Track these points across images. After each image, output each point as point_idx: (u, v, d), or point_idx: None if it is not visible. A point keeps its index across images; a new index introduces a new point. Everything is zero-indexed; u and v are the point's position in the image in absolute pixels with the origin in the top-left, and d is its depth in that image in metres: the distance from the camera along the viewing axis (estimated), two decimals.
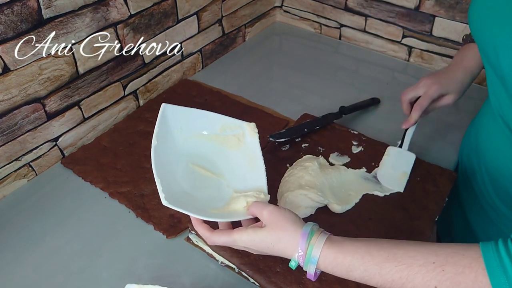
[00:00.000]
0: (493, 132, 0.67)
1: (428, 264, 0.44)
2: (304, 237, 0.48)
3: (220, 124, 0.65)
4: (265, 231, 0.50)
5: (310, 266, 0.48)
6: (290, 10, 1.26)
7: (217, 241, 0.54)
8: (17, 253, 0.69)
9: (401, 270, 0.45)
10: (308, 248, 0.48)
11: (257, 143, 0.63)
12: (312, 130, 0.85)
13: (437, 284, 0.43)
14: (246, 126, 0.64)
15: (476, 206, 0.74)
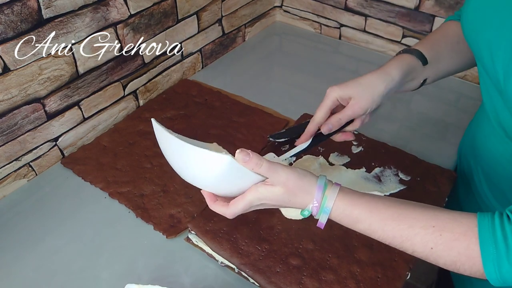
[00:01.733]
0: (488, 134, 0.67)
1: (428, 227, 0.48)
2: (319, 189, 0.51)
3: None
4: (280, 190, 0.51)
5: (323, 215, 0.52)
6: (290, 10, 1.26)
7: (235, 211, 0.54)
8: (17, 253, 0.69)
9: (402, 229, 0.49)
10: (322, 199, 0.51)
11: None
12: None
13: (433, 246, 0.47)
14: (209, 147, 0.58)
15: (474, 206, 0.74)
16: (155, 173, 0.79)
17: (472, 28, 0.60)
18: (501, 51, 0.52)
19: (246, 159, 0.50)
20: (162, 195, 0.76)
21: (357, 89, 0.62)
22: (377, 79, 0.62)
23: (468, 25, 0.61)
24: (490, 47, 0.55)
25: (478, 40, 0.58)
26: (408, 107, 0.99)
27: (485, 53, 0.56)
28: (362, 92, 0.62)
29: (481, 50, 0.57)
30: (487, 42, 0.55)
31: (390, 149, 0.81)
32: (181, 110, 0.94)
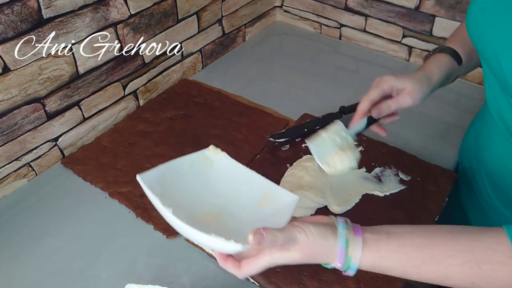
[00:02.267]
0: (492, 134, 0.67)
1: (465, 263, 0.45)
2: (341, 251, 0.47)
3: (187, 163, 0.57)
4: (298, 255, 0.47)
5: (350, 271, 0.49)
6: (290, 10, 1.26)
7: (248, 273, 0.50)
8: (17, 253, 0.69)
9: (438, 271, 0.46)
10: (346, 260, 0.48)
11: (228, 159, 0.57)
12: (312, 130, 0.84)
13: (474, 280, 0.45)
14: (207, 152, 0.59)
15: (476, 207, 0.74)
16: None
17: (477, 28, 0.59)
18: (507, 52, 0.52)
19: (261, 242, 0.45)
20: None
21: (411, 82, 0.64)
22: (424, 78, 0.65)
23: (473, 26, 0.61)
24: (495, 47, 0.55)
25: (483, 40, 0.58)
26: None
27: (491, 53, 0.56)
28: (415, 85, 0.64)
29: (486, 50, 0.57)
30: (492, 42, 0.55)
31: (390, 149, 0.81)
32: (181, 110, 0.94)
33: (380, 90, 0.65)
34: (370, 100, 0.66)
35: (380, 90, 0.65)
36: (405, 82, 0.64)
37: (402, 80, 0.65)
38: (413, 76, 0.65)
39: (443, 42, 1.04)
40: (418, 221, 0.68)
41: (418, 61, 1.11)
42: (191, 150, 0.83)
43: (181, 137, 0.87)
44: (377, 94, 0.65)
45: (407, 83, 0.64)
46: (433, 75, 0.66)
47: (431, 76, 0.66)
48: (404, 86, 0.64)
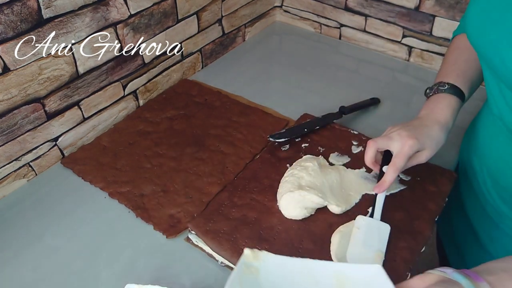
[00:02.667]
0: (494, 133, 0.67)
1: None
2: None
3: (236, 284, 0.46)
4: None
5: None
6: (290, 10, 1.26)
7: None
8: (17, 252, 0.69)
9: None
10: None
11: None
12: (312, 130, 0.84)
13: None
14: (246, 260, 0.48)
15: (478, 207, 0.74)
16: (155, 173, 0.79)
17: (477, 30, 0.59)
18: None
19: None
20: (162, 195, 0.75)
21: (430, 143, 0.63)
22: (441, 132, 0.65)
23: (473, 28, 0.60)
24: (499, 47, 0.54)
25: (485, 40, 0.57)
26: (408, 107, 0.99)
27: (494, 54, 0.55)
28: (433, 145, 0.64)
29: (488, 51, 0.57)
30: (495, 43, 0.55)
31: None
32: (181, 110, 0.94)
33: (405, 159, 0.61)
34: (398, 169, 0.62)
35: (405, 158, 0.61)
36: (425, 144, 0.63)
37: (423, 142, 0.62)
38: (430, 136, 0.63)
39: (443, 42, 1.05)
40: (418, 221, 0.68)
41: (418, 61, 1.11)
42: (191, 150, 0.84)
43: (181, 137, 0.87)
44: (402, 163, 0.62)
45: (426, 145, 0.63)
46: (449, 124, 0.66)
47: (448, 125, 0.66)
48: (424, 147, 0.63)
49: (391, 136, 0.63)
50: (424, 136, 0.63)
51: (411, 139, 0.61)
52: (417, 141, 0.61)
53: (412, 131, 0.63)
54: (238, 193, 0.73)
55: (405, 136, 0.62)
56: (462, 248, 0.81)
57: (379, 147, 0.65)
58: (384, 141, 0.64)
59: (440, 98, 0.67)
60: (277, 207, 0.70)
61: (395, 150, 0.63)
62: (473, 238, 0.76)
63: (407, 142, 0.61)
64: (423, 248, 0.65)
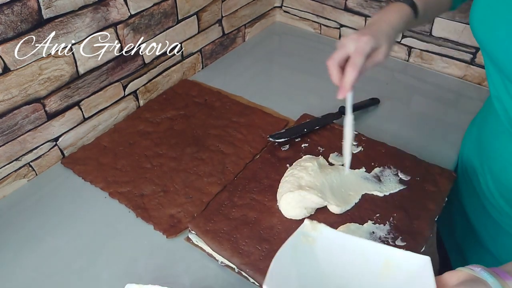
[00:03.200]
0: (496, 132, 0.66)
1: None
2: None
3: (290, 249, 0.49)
4: None
5: None
6: (290, 10, 1.26)
7: None
8: (17, 253, 0.69)
9: None
10: None
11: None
12: (311, 130, 0.85)
13: None
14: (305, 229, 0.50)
15: (478, 206, 0.74)
16: (155, 173, 0.80)
17: (484, 25, 0.58)
18: None
19: None
20: (162, 195, 0.76)
21: (384, 38, 0.62)
22: (393, 33, 0.64)
23: (479, 22, 0.59)
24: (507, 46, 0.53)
25: (492, 38, 0.57)
26: (407, 107, 0.99)
27: (501, 53, 0.55)
28: (388, 40, 0.63)
29: (495, 49, 0.56)
30: (503, 40, 0.54)
31: (389, 149, 0.81)
32: (181, 110, 0.94)
33: (362, 55, 0.60)
34: (360, 71, 0.61)
35: (363, 54, 0.60)
36: (381, 41, 0.62)
37: (378, 38, 0.62)
38: (385, 33, 0.63)
39: (443, 42, 1.05)
40: (417, 221, 0.68)
41: (418, 61, 1.11)
42: (191, 150, 0.84)
43: (181, 137, 0.87)
44: (360, 60, 0.61)
45: (383, 42, 0.62)
46: (398, 29, 0.65)
47: (397, 30, 0.65)
48: (381, 45, 0.62)
49: (343, 43, 0.62)
50: (377, 32, 0.62)
51: (364, 36, 0.61)
52: (371, 37, 0.61)
53: (363, 31, 0.62)
54: (238, 193, 0.73)
55: (358, 35, 0.61)
56: (463, 247, 0.81)
57: (339, 60, 0.63)
58: (340, 51, 0.62)
59: (392, 5, 0.67)
60: (277, 207, 0.70)
61: (352, 50, 0.61)
62: (473, 237, 0.76)
63: (361, 39, 0.60)
64: (423, 248, 0.65)
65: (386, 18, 0.65)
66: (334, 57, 0.63)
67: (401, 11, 0.66)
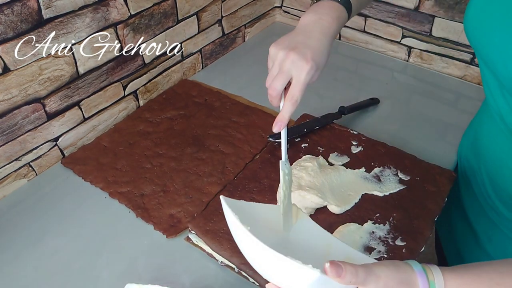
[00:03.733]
0: (493, 133, 0.67)
1: None
2: (422, 278, 0.43)
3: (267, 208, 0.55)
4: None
5: None
6: (290, 10, 1.26)
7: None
8: (17, 253, 0.69)
9: None
10: (430, 286, 0.43)
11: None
12: (311, 130, 0.85)
13: None
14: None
15: (476, 207, 0.74)
16: (155, 173, 0.80)
17: (478, 31, 0.58)
18: None
19: (340, 273, 0.40)
20: (162, 195, 0.76)
21: (325, 61, 0.58)
22: (327, 41, 0.57)
23: (472, 29, 0.59)
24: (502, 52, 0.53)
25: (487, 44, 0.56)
26: (407, 107, 0.99)
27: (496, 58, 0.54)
28: (326, 61, 0.58)
29: (490, 55, 0.56)
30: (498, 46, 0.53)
31: (389, 149, 0.81)
32: (181, 110, 0.94)
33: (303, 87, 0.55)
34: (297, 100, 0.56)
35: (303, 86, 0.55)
36: (321, 64, 0.57)
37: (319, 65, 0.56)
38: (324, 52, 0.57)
39: (443, 42, 1.05)
40: (417, 221, 0.68)
41: (418, 61, 1.11)
42: (191, 150, 0.84)
43: (181, 137, 0.87)
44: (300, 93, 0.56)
45: (321, 65, 0.57)
46: (334, 31, 0.59)
47: (333, 32, 0.58)
48: (319, 68, 0.57)
49: (284, 70, 0.55)
50: (319, 55, 0.56)
51: (308, 63, 0.54)
52: (314, 64, 0.55)
53: (305, 50, 0.55)
54: (238, 193, 0.73)
55: (299, 57, 0.54)
56: (460, 248, 0.81)
57: (281, 89, 0.56)
58: (281, 78, 0.55)
59: (327, 7, 0.61)
60: None
61: (293, 78, 0.55)
62: (471, 238, 0.76)
63: (303, 67, 0.54)
64: (422, 248, 0.65)
65: (322, 25, 0.59)
66: (276, 86, 0.56)
67: (336, 14, 0.60)
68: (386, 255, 0.63)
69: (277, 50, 0.57)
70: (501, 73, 0.54)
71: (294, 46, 0.56)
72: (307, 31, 0.59)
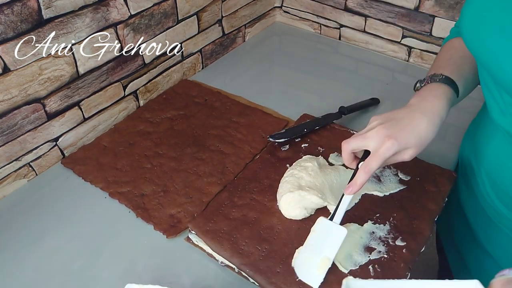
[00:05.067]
0: (491, 134, 0.67)
1: None
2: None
3: None
4: None
5: None
6: (290, 10, 1.26)
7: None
8: (17, 253, 0.69)
9: None
10: None
11: None
12: (311, 130, 0.85)
13: None
14: None
15: (476, 207, 0.74)
16: (155, 173, 0.80)
17: (473, 34, 0.57)
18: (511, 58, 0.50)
19: None
20: (162, 195, 0.76)
21: (415, 141, 0.56)
22: (431, 126, 0.57)
23: (468, 31, 0.59)
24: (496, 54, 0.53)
25: (482, 47, 0.56)
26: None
27: (491, 60, 0.54)
28: (418, 143, 0.56)
29: (486, 57, 0.55)
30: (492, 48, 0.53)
31: None
32: (181, 110, 0.94)
33: (380, 161, 0.55)
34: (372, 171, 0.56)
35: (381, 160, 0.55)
36: (409, 144, 0.55)
37: (406, 141, 0.55)
38: (417, 135, 0.56)
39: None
40: (417, 221, 0.68)
41: (418, 61, 1.11)
42: (191, 150, 0.84)
43: (181, 137, 0.87)
44: (377, 165, 0.55)
45: (411, 145, 0.55)
46: (443, 118, 0.58)
47: (441, 118, 0.58)
48: (407, 148, 0.56)
49: (366, 135, 0.56)
50: (408, 134, 0.56)
51: (389, 140, 0.54)
52: (396, 142, 0.54)
53: (393, 128, 0.56)
54: (238, 193, 0.73)
55: (383, 135, 0.55)
56: (461, 248, 0.81)
57: (353, 148, 0.58)
58: (359, 142, 0.57)
59: (434, 87, 0.60)
60: (277, 207, 0.70)
61: (371, 150, 0.56)
62: (471, 238, 0.76)
63: (384, 144, 0.54)
64: (422, 248, 0.65)
65: (427, 107, 0.58)
66: (351, 144, 0.58)
67: (445, 94, 0.59)
68: (386, 255, 0.63)
69: (374, 120, 0.59)
70: (497, 75, 0.55)
71: (387, 120, 0.57)
72: (407, 109, 0.59)
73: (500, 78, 0.54)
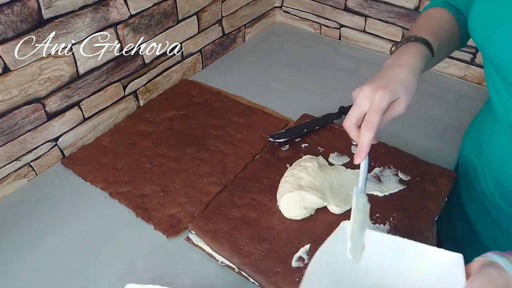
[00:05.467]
0: (496, 132, 0.66)
1: None
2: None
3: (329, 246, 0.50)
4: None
5: None
6: (290, 10, 1.26)
7: None
8: (17, 253, 0.69)
9: None
10: None
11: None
12: (311, 130, 0.85)
13: None
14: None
15: (478, 206, 0.74)
16: (155, 173, 0.80)
17: (482, 27, 0.57)
18: None
19: None
20: (162, 195, 0.76)
21: (402, 88, 0.56)
22: (411, 74, 0.57)
23: (477, 28, 0.59)
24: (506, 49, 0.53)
25: (490, 41, 0.56)
26: (407, 107, 0.99)
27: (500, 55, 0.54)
28: (406, 90, 0.57)
29: (494, 52, 0.55)
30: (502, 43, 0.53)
31: (389, 149, 0.81)
32: (181, 110, 0.94)
33: (378, 113, 0.55)
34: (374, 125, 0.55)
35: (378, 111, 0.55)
36: (399, 91, 0.56)
37: (395, 92, 0.55)
38: (401, 81, 0.56)
39: None
40: (417, 221, 0.68)
41: None
42: (191, 150, 0.84)
43: (181, 137, 0.87)
44: (377, 118, 0.55)
45: (400, 92, 0.56)
46: (418, 71, 0.58)
47: (417, 72, 0.58)
48: (399, 95, 0.56)
49: (357, 101, 0.56)
50: (393, 83, 0.56)
51: (379, 90, 0.54)
52: (386, 89, 0.54)
53: (378, 82, 0.56)
54: (238, 193, 0.73)
55: (371, 90, 0.55)
56: (462, 247, 0.81)
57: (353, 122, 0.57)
58: (354, 112, 0.56)
59: (408, 46, 0.61)
60: (277, 207, 0.70)
61: (367, 109, 0.56)
62: (473, 237, 0.76)
63: (375, 96, 0.54)
64: None
65: (402, 61, 0.59)
66: (350, 119, 0.57)
67: (419, 51, 0.60)
68: None
69: (357, 90, 0.59)
70: (505, 71, 0.54)
71: (369, 81, 0.57)
72: (384, 69, 0.60)
73: (508, 74, 0.54)
